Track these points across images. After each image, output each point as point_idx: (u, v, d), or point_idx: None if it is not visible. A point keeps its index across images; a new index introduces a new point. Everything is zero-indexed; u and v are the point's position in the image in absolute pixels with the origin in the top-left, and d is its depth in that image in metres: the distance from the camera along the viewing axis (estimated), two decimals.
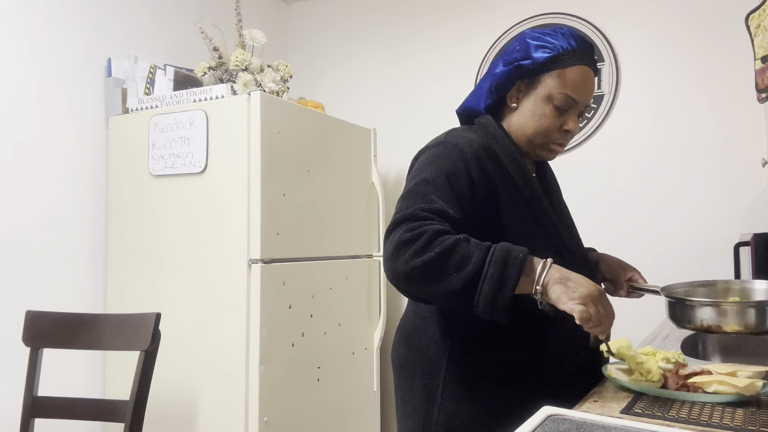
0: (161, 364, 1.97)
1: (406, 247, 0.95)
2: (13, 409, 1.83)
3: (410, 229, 0.96)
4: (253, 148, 1.93)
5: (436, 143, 1.13)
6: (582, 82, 1.11)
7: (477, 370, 1.10)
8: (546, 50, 1.11)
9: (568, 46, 1.11)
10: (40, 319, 1.63)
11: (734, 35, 2.27)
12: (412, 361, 1.18)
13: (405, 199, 1.04)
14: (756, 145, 2.27)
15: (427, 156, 1.11)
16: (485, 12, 2.79)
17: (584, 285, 0.94)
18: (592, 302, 0.92)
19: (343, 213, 2.35)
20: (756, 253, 1.69)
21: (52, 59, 2.09)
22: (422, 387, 1.14)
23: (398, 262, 0.96)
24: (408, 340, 1.20)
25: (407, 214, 0.99)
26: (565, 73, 1.10)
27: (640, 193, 2.48)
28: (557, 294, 0.94)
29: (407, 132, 2.93)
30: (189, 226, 2.01)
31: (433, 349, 1.14)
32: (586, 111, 1.17)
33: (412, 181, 1.07)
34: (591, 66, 1.14)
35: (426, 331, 1.16)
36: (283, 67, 2.22)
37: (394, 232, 0.99)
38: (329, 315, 2.23)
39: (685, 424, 0.83)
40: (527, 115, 1.14)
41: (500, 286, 0.92)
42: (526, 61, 1.12)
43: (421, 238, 0.95)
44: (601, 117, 2.53)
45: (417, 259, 0.94)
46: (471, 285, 0.93)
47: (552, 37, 1.12)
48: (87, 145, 2.19)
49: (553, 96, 1.11)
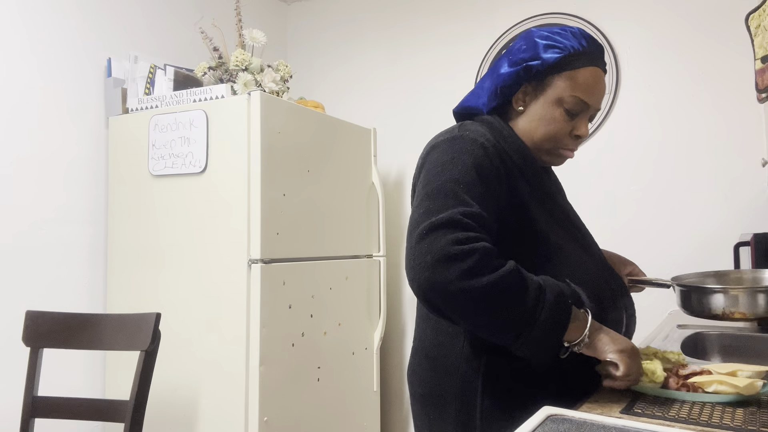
0: (161, 364, 1.97)
1: (453, 264, 0.86)
2: (13, 409, 1.83)
3: (457, 242, 0.87)
4: (253, 148, 1.93)
5: (452, 137, 1.04)
6: (594, 84, 1.05)
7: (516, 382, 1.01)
8: (556, 50, 1.05)
9: (579, 46, 1.05)
10: (40, 319, 1.63)
11: (734, 35, 2.27)
12: (440, 385, 1.06)
13: (434, 199, 0.94)
14: (756, 145, 2.27)
15: (445, 151, 1.01)
16: (485, 12, 2.79)
17: (625, 339, 0.97)
18: (633, 357, 0.95)
19: (343, 213, 2.35)
20: (756, 253, 1.69)
21: (52, 59, 2.08)
22: (456, 414, 1.03)
23: (440, 277, 0.86)
24: (432, 362, 1.08)
25: (446, 219, 0.89)
26: (576, 74, 1.04)
27: (639, 192, 2.48)
28: (603, 343, 0.95)
29: (407, 132, 2.93)
30: (189, 226, 2.01)
31: (464, 368, 1.03)
32: (596, 115, 1.12)
33: (438, 178, 0.97)
34: (602, 67, 1.08)
35: (452, 348, 1.05)
36: (283, 67, 2.22)
37: (430, 239, 0.88)
38: (329, 315, 2.23)
39: (685, 424, 0.82)
40: (535, 119, 1.08)
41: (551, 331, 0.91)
42: (535, 61, 1.05)
43: (471, 257, 0.86)
44: (601, 117, 2.53)
45: (466, 282, 0.86)
46: (521, 324, 0.90)
47: (562, 36, 1.06)
48: (87, 145, 2.19)
49: (564, 99, 1.05)
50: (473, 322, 0.91)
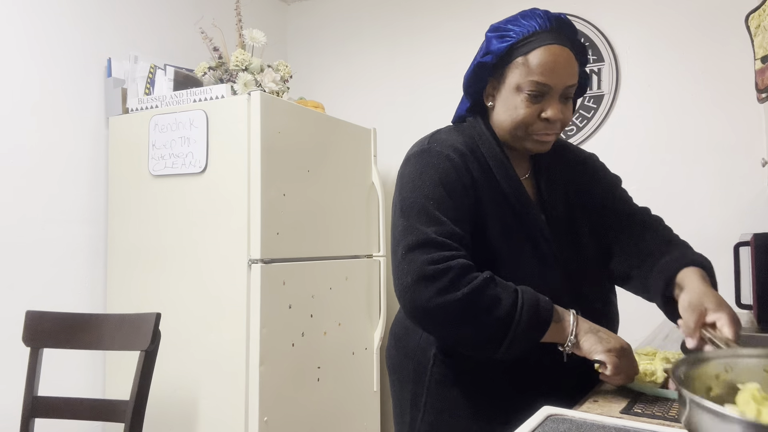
0: (161, 364, 1.97)
1: (430, 283, 0.92)
2: (13, 409, 1.83)
3: (432, 261, 0.93)
4: (253, 148, 1.93)
5: (421, 150, 1.08)
6: (550, 62, 1.00)
7: (459, 382, 1.07)
8: (505, 39, 1.03)
9: (530, 28, 1.02)
10: (40, 319, 1.63)
11: (734, 35, 2.27)
12: (401, 364, 1.15)
13: (408, 217, 1.00)
14: (756, 145, 2.27)
15: (414, 165, 1.06)
16: (485, 11, 2.79)
17: (615, 338, 0.97)
18: (623, 355, 0.95)
19: (343, 213, 2.35)
20: (756, 253, 1.69)
21: (52, 59, 2.08)
22: (410, 392, 1.12)
23: (419, 297, 0.93)
24: (398, 342, 1.18)
25: (422, 240, 0.95)
26: (528, 59, 1.01)
27: (639, 192, 2.47)
28: (591, 343, 0.95)
29: (407, 132, 2.92)
30: (189, 226, 2.01)
31: (419, 355, 1.11)
32: (571, 92, 1.06)
33: (410, 195, 1.02)
34: (563, 43, 1.02)
35: (414, 335, 1.13)
36: (283, 67, 2.22)
37: (409, 260, 0.95)
38: (329, 315, 2.23)
39: None
40: (502, 110, 1.07)
41: (531, 332, 0.93)
42: (486, 57, 1.05)
43: (447, 276, 0.92)
44: (601, 117, 2.53)
45: (442, 298, 0.91)
46: (501, 329, 0.93)
47: (514, 23, 1.04)
48: (87, 145, 2.19)
49: (522, 86, 1.02)
50: (455, 337, 0.97)
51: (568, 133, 2.60)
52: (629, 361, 0.96)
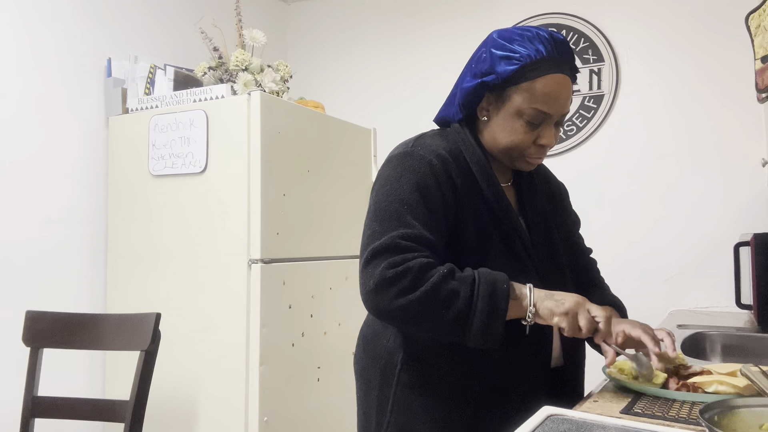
0: (161, 364, 1.96)
1: (390, 286, 0.94)
2: (13, 409, 1.83)
3: (393, 265, 0.94)
4: (253, 148, 1.93)
5: (404, 152, 1.07)
6: (554, 92, 1.02)
7: (426, 389, 1.05)
8: (512, 62, 1.02)
9: (536, 54, 1.01)
10: (40, 319, 1.63)
11: (734, 35, 2.27)
12: (368, 368, 1.13)
13: (379, 220, 1.01)
14: (756, 145, 2.27)
15: (395, 167, 1.06)
16: (485, 11, 2.79)
17: (569, 297, 0.98)
18: (580, 312, 0.96)
19: (343, 213, 2.35)
20: (756, 253, 1.69)
21: (52, 59, 2.08)
22: (376, 397, 1.10)
23: (381, 300, 0.95)
24: (366, 345, 1.16)
25: (386, 244, 0.96)
26: (533, 86, 1.01)
27: (639, 192, 2.48)
28: (548, 310, 0.97)
29: (407, 132, 2.89)
30: (189, 226, 2.01)
31: (386, 359, 1.09)
32: (564, 118, 1.08)
33: (386, 197, 1.02)
34: (565, 72, 1.04)
35: (382, 338, 1.11)
36: (283, 67, 2.22)
37: (373, 265, 0.96)
38: (329, 315, 2.23)
39: (685, 424, 0.82)
40: (498, 129, 1.07)
41: (491, 318, 0.94)
42: (490, 76, 1.04)
43: (406, 277, 0.93)
44: (601, 117, 2.53)
45: (402, 299, 0.93)
46: (461, 321, 0.95)
47: (519, 44, 1.02)
48: (87, 145, 2.19)
49: (523, 111, 1.03)
50: (422, 330, 1.00)
51: (569, 134, 2.60)
52: (585, 315, 0.97)
